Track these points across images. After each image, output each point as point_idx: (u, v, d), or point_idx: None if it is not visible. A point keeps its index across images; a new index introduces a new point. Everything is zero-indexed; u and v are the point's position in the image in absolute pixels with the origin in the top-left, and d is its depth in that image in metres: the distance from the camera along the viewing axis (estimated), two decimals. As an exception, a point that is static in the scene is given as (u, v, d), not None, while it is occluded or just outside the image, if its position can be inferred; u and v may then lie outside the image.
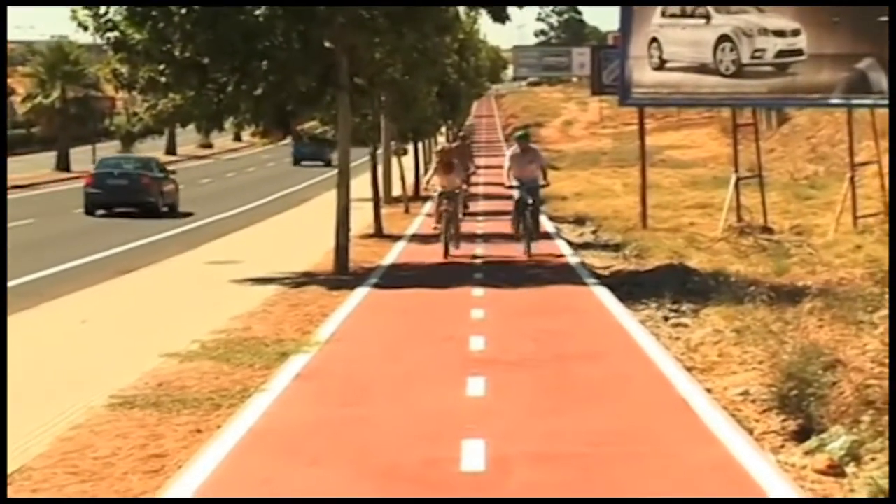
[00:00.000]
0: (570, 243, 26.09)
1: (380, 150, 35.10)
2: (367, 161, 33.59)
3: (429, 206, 23.67)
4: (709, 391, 11.03)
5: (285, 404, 10.62)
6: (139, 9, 19.69)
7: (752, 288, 15.32)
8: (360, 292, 18.19)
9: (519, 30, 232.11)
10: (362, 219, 28.49)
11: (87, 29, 20.40)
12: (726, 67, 25.95)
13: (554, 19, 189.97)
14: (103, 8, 20.03)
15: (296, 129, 23.89)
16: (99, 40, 21.37)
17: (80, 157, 65.98)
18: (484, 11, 22.16)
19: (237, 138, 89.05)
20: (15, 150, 66.29)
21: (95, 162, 44.93)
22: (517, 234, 22.94)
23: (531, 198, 22.50)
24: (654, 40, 26.48)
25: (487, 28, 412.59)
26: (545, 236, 25.44)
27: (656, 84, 26.80)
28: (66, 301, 17.97)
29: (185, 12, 19.57)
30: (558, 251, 23.98)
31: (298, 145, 62.31)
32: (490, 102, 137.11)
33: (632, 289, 18.10)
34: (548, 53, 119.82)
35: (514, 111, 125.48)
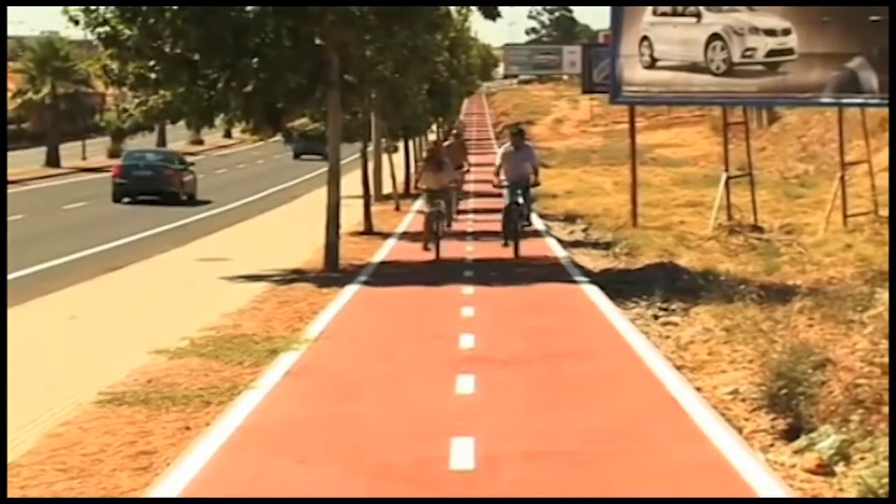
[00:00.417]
0: (560, 241, 26.10)
1: (370, 148, 35.08)
2: (357, 158, 33.57)
3: (419, 204, 23.40)
4: (698, 390, 11.04)
5: (275, 402, 10.61)
6: (130, 5, 19.65)
7: (741, 287, 15.35)
8: (350, 290, 18.18)
9: (510, 27, 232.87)
10: (353, 216, 28.46)
11: (77, 24, 20.41)
12: (717, 66, 25.96)
13: (545, 17, 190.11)
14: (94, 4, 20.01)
15: (286, 126, 23.76)
16: (90, 36, 21.32)
17: (70, 152, 65.91)
18: (475, 9, 22.13)
19: (227, 135, 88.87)
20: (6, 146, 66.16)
21: (86, 158, 45.43)
22: (508, 242, 22.01)
23: (522, 198, 21.87)
24: (644, 39, 26.48)
25: (478, 26, 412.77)
26: (535, 234, 25.43)
27: (647, 82, 26.81)
28: (56, 297, 17.93)
29: (175, 8, 19.55)
30: (548, 249, 23.98)
31: (298, 140, 62.87)
32: (481, 100, 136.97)
33: (622, 287, 18.10)
34: (539, 51, 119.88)
35: (505, 109, 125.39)
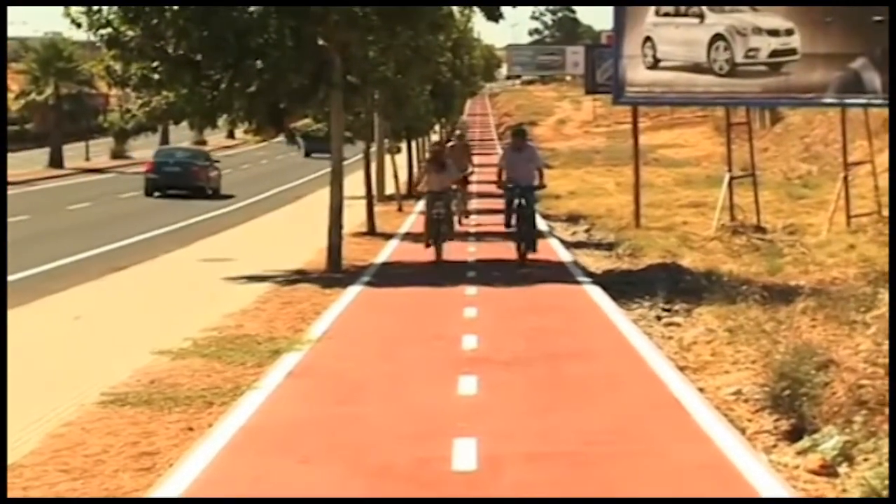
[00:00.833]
0: (563, 242, 26.09)
1: (373, 149, 35.10)
2: (360, 159, 33.57)
3: (421, 205, 23.15)
4: (701, 390, 11.03)
5: (277, 402, 10.61)
6: (132, 6, 19.65)
7: (744, 287, 15.35)
8: (353, 290, 18.17)
9: (513, 28, 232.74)
10: (355, 217, 28.46)
11: (80, 26, 20.38)
12: (720, 66, 25.95)
13: (548, 18, 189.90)
14: (96, 6, 20.01)
15: (289, 126, 23.71)
16: (92, 37, 21.33)
17: (73, 153, 65.93)
18: (477, 10, 22.12)
19: (230, 135, 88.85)
20: (8, 146, 66.17)
21: (89, 159, 45.74)
22: (519, 248, 20.94)
23: (525, 200, 20.92)
24: (647, 39, 26.47)
25: (481, 26, 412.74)
26: (537, 235, 25.39)
27: (650, 83, 26.80)
28: (60, 297, 17.94)
29: (178, 9, 19.55)
30: (551, 250, 23.96)
31: (308, 140, 63.81)
32: (484, 101, 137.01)
33: (625, 288, 18.09)
34: (542, 52, 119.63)
35: (508, 110, 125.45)
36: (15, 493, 8.10)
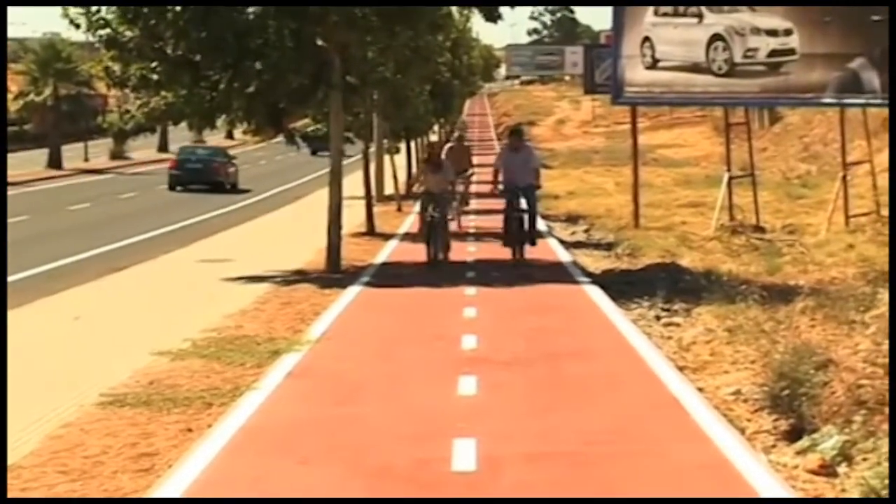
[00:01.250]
0: (562, 242, 26.10)
1: (372, 149, 35.10)
2: (359, 159, 33.57)
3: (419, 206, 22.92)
4: (700, 390, 11.03)
5: (277, 403, 10.61)
6: (131, 6, 19.66)
7: (744, 287, 15.34)
8: (352, 291, 18.18)
9: (511, 28, 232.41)
10: (355, 217, 28.46)
11: (79, 27, 20.37)
12: (719, 66, 25.96)
13: (547, 18, 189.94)
14: (95, 6, 20.01)
15: (288, 127, 23.69)
16: (91, 38, 21.32)
17: (72, 154, 65.92)
18: (476, 10, 22.12)
19: (229, 136, 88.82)
20: (7, 146, 66.19)
21: (88, 159, 45.96)
22: (515, 254, 20.85)
23: (526, 201, 20.80)
24: (646, 39, 26.48)
25: (480, 27, 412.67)
26: (538, 235, 25.37)
27: (649, 83, 26.80)
28: (60, 297, 17.94)
29: (177, 10, 19.54)
30: (550, 250, 23.96)
31: (315, 139, 64.63)
32: (483, 101, 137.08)
33: (624, 288, 18.10)
34: (540, 52, 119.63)
35: (507, 110, 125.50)
36: (14, 494, 8.10)
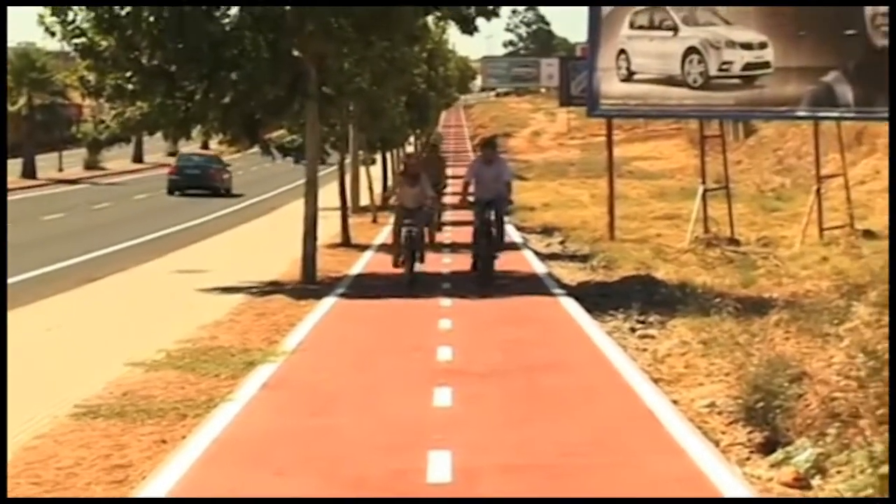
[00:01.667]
0: (537, 254, 26.11)
1: (348, 160, 35.08)
2: (335, 170, 33.55)
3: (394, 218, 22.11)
4: (675, 402, 11.04)
5: (251, 414, 10.58)
6: (107, 15, 19.60)
7: (718, 300, 15.35)
8: (328, 302, 18.15)
9: (487, 40, 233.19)
10: (330, 228, 28.43)
11: (54, 35, 20.32)
12: (694, 79, 26.03)
13: (523, 30, 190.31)
14: (71, 14, 19.96)
15: (263, 138, 23.65)
16: (66, 47, 21.25)
17: (46, 164, 65.69)
18: (453, 22, 22.11)
19: (205, 147, 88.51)
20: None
21: (62, 169, 45.72)
22: (474, 267, 20.37)
23: (495, 215, 20.00)
24: (622, 52, 26.54)
25: (456, 38, 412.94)
26: (512, 247, 25.39)
27: (624, 95, 26.86)
28: (33, 308, 17.85)
29: (153, 20, 19.51)
30: (526, 262, 23.97)
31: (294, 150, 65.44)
32: (459, 112, 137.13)
33: (599, 300, 18.11)
34: (516, 64, 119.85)
35: (483, 121, 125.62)
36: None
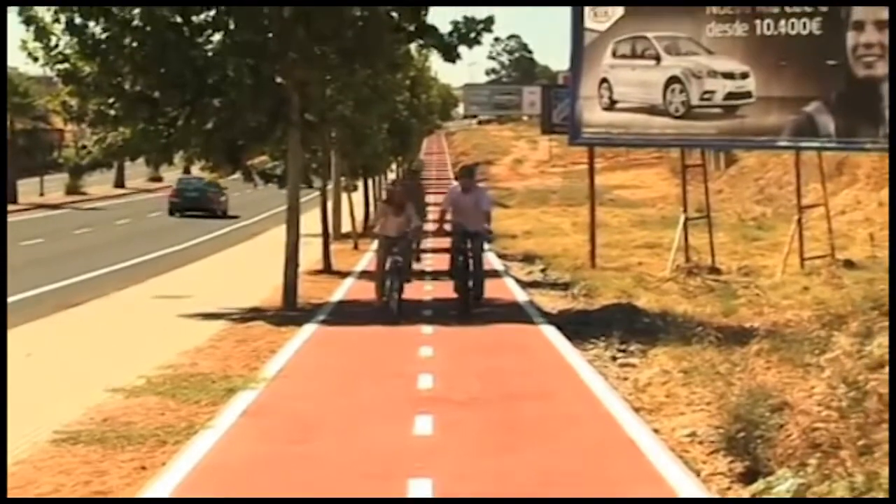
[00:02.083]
0: (518, 281, 26.12)
1: (330, 186, 35.09)
2: (316, 197, 33.56)
3: (376, 246, 21.56)
4: (656, 431, 11.04)
5: (231, 441, 10.55)
6: (90, 41, 19.61)
7: (699, 328, 15.36)
8: (309, 328, 18.12)
9: (470, 68, 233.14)
10: (311, 254, 28.41)
11: (37, 60, 20.30)
12: (676, 108, 26.06)
13: (505, 58, 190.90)
14: (54, 39, 19.96)
15: (246, 164, 23.65)
16: (49, 72, 21.25)
17: (27, 188, 65.57)
18: (435, 50, 22.14)
19: (186, 172, 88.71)
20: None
21: (43, 194, 45.44)
22: (462, 298, 19.73)
23: (471, 247, 19.58)
24: (604, 80, 26.57)
25: (438, 66, 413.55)
26: (493, 274, 25.38)
27: (606, 124, 26.89)
28: (11, 334, 17.75)
29: (135, 45, 19.53)
30: (507, 290, 23.97)
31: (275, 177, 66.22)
32: (440, 140, 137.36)
33: (580, 328, 18.10)
34: (498, 91, 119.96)
35: (465, 149, 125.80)
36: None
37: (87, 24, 19.61)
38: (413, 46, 26.88)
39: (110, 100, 20.18)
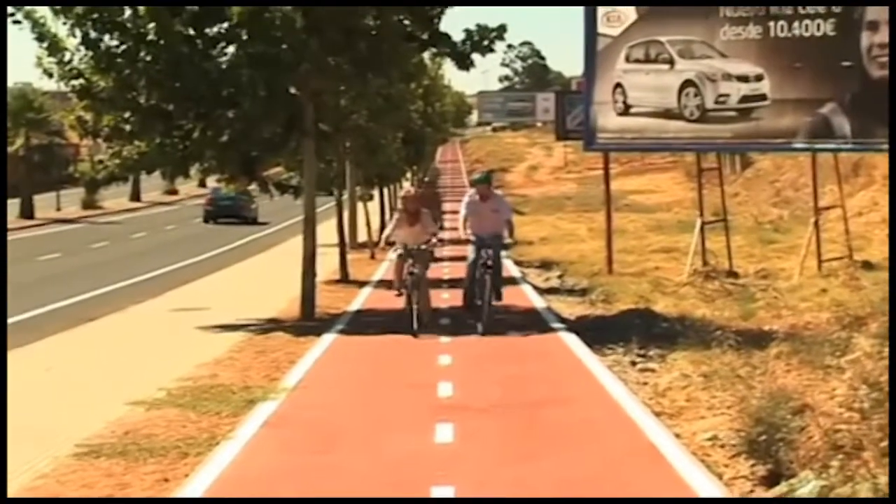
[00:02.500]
0: (536, 288, 26.11)
1: (345, 196, 35.12)
2: (333, 206, 33.60)
3: (392, 254, 21.27)
4: (677, 436, 11.02)
5: (253, 452, 10.56)
6: (104, 56, 19.66)
7: (718, 332, 15.32)
8: (327, 339, 18.13)
9: (483, 75, 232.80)
10: (328, 265, 28.44)
11: (51, 76, 20.36)
12: (690, 112, 26.04)
13: (518, 65, 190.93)
14: (68, 55, 20.01)
15: (261, 175, 23.68)
16: (63, 87, 21.30)
17: (44, 203, 65.73)
18: (448, 58, 22.15)
19: (202, 184, 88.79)
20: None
21: (60, 209, 45.23)
22: (466, 306, 19.25)
23: (491, 257, 18.88)
24: (618, 85, 26.57)
25: (452, 74, 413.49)
26: (510, 281, 25.37)
27: (621, 129, 26.88)
28: (32, 349, 17.83)
29: (149, 59, 19.57)
30: (524, 297, 23.96)
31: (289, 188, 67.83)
32: (455, 148, 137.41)
33: (598, 334, 18.08)
34: (512, 98, 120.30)
35: (479, 156, 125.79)
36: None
37: (101, 39, 19.67)
38: (426, 55, 26.91)
39: (125, 114, 20.22)
